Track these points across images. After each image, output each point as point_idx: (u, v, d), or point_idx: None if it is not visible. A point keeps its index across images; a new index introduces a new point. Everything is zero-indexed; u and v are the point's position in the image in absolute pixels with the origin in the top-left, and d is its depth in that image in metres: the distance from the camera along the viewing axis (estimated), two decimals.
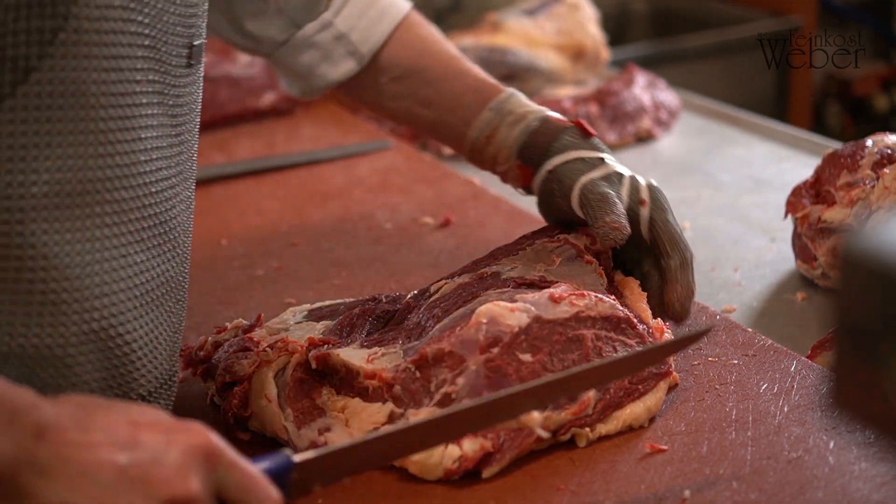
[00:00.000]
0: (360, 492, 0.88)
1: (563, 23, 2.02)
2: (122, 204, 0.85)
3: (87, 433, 0.71)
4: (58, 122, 0.79)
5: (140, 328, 0.88)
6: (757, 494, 0.84)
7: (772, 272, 1.29)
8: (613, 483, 0.87)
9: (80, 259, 0.83)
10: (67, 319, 0.83)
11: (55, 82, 0.79)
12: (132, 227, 0.86)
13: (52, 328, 0.82)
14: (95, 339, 0.84)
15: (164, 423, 0.74)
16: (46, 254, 0.81)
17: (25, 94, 0.78)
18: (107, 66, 0.81)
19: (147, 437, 0.72)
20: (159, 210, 0.88)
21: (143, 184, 0.86)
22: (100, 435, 0.71)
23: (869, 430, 0.85)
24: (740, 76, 2.62)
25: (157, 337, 0.90)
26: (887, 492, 0.84)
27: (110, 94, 0.82)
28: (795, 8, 2.80)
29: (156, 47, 0.85)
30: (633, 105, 1.78)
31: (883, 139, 1.22)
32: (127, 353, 0.87)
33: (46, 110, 0.79)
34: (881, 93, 3.24)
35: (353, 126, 1.82)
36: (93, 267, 0.83)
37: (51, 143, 0.80)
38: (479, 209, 1.45)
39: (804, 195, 1.26)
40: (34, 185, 0.79)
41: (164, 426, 0.73)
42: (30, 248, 0.80)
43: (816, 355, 1.04)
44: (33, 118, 0.79)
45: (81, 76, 0.80)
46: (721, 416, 0.94)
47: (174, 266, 0.92)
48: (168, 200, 0.90)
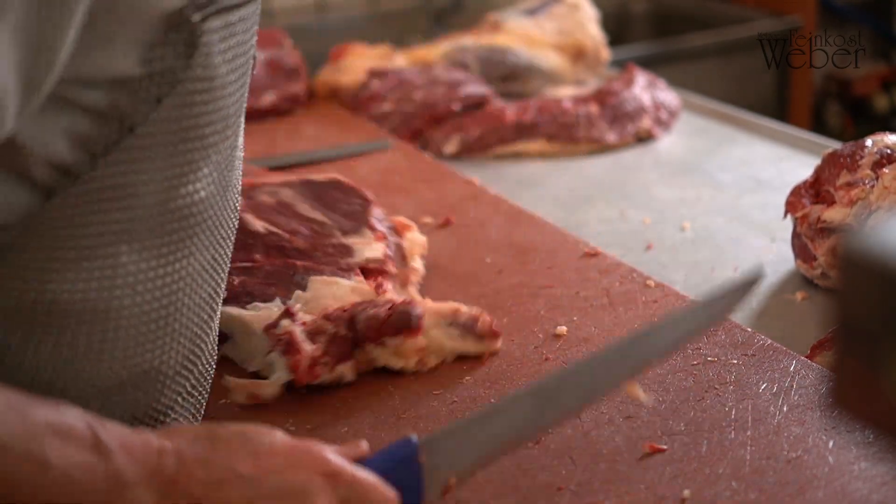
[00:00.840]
0: None
1: (563, 23, 2.03)
2: (187, 220, 0.84)
3: (209, 469, 0.73)
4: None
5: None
6: (756, 494, 0.84)
7: (772, 272, 1.29)
8: (613, 483, 0.87)
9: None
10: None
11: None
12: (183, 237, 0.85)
13: (161, 350, 0.83)
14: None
15: (286, 450, 0.76)
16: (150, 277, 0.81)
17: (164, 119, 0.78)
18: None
19: (274, 471, 0.74)
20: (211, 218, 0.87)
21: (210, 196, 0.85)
22: (224, 471, 0.73)
23: (869, 430, 0.85)
24: (740, 76, 2.62)
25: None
26: (887, 492, 0.84)
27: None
28: (795, 8, 2.80)
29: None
30: (633, 105, 1.78)
31: (883, 139, 1.22)
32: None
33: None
34: (881, 93, 3.25)
35: (353, 126, 1.82)
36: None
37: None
38: (479, 209, 1.45)
39: (804, 195, 1.26)
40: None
41: (286, 455, 0.76)
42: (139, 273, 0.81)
43: (816, 355, 1.04)
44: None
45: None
46: (721, 415, 0.94)
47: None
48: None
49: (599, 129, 1.74)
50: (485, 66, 1.97)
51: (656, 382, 1.00)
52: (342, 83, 1.93)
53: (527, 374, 1.04)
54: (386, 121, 1.82)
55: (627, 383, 0.86)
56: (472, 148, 1.73)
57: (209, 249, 0.86)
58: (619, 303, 1.16)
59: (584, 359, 0.85)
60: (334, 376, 1.03)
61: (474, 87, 1.84)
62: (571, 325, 1.12)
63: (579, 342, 1.09)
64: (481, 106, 1.81)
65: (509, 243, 1.33)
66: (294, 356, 1.00)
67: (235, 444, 0.75)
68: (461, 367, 1.06)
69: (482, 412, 0.83)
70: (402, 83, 1.87)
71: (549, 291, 1.19)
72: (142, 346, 0.82)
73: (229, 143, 0.85)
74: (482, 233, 1.37)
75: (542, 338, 1.10)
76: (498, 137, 1.73)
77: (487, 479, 0.88)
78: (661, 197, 1.54)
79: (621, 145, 1.75)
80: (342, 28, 2.58)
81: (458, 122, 1.77)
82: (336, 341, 1.03)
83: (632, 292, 1.18)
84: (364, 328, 1.04)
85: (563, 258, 1.27)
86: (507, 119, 1.74)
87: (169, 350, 0.84)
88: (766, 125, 1.77)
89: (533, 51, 1.98)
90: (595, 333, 1.10)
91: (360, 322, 1.04)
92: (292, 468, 0.75)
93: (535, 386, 0.83)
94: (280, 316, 1.05)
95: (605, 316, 1.13)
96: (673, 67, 2.40)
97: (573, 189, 1.60)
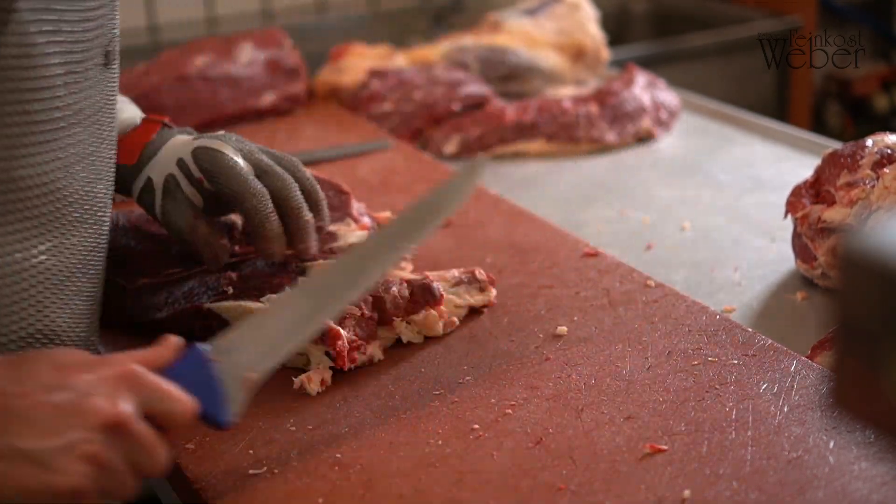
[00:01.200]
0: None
1: (563, 23, 2.02)
2: (34, 199, 0.90)
3: (20, 384, 0.77)
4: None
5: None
6: (757, 494, 0.84)
7: (772, 272, 1.29)
8: (613, 483, 0.87)
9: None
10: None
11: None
12: (39, 222, 0.91)
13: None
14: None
15: (88, 360, 0.81)
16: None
17: None
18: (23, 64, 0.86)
19: (74, 376, 0.78)
20: (72, 204, 0.94)
21: (56, 179, 0.91)
22: (31, 383, 0.77)
23: (869, 429, 0.85)
24: (740, 76, 2.62)
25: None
26: (887, 492, 0.84)
27: (26, 90, 0.86)
28: (795, 8, 2.80)
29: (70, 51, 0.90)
30: (633, 105, 1.78)
31: (883, 139, 1.22)
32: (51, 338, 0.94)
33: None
34: (881, 93, 3.25)
35: (353, 126, 1.82)
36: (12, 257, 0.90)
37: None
38: (479, 209, 1.45)
39: (804, 195, 1.26)
40: None
41: (87, 364, 0.80)
42: None
43: (816, 355, 1.04)
44: None
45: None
46: (721, 415, 0.94)
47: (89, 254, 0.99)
48: (83, 196, 0.95)
49: (599, 129, 1.74)
50: (485, 66, 1.97)
51: (656, 382, 1.00)
52: (342, 83, 1.93)
53: (527, 373, 1.04)
54: (386, 121, 1.82)
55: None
56: (472, 148, 1.73)
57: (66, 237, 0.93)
58: (619, 303, 1.16)
59: (351, 251, 0.99)
60: (366, 358, 1.07)
61: (474, 87, 1.84)
62: (571, 325, 1.12)
63: (579, 342, 1.09)
64: (481, 106, 1.81)
65: (509, 243, 1.33)
66: (335, 343, 1.04)
67: (43, 360, 0.79)
68: (461, 367, 1.06)
69: (265, 310, 0.95)
70: (402, 83, 1.87)
71: (549, 291, 1.19)
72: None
73: (85, 132, 0.92)
74: (482, 233, 1.37)
75: (542, 338, 1.10)
76: (498, 137, 1.73)
77: (487, 479, 0.88)
78: (661, 197, 1.55)
79: (621, 145, 1.75)
80: (342, 28, 2.58)
81: (458, 122, 1.77)
82: (362, 324, 1.07)
83: (632, 292, 1.18)
84: (392, 307, 1.08)
85: (563, 258, 1.27)
86: (507, 119, 1.74)
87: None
88: (766, 125, 1.77)
89: (533, 51, 1.98)
90: (595, 333, 1.10)
91: (387, 302, 1.08)
92: (97, 375, 0.78)
93: (310, 281, 0.98)
94: None
95: (605, 316, 1.13)
96: (673, 67, 2.40)
97: (573, 189, 1.60)
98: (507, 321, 1.14)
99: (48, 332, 0.94)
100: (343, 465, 0.92)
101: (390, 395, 1.03)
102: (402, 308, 1.09)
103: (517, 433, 0.94)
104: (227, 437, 0.97)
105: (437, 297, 1.11)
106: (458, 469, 0.90)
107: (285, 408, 1.01)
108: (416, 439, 0.95)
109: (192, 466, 0.94)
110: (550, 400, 0.99)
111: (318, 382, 1.04)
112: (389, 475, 0.90)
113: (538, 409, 0.98)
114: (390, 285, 1.10)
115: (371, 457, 0.93)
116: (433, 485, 0.88)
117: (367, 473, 0.91)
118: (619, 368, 1.03)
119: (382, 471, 0.91)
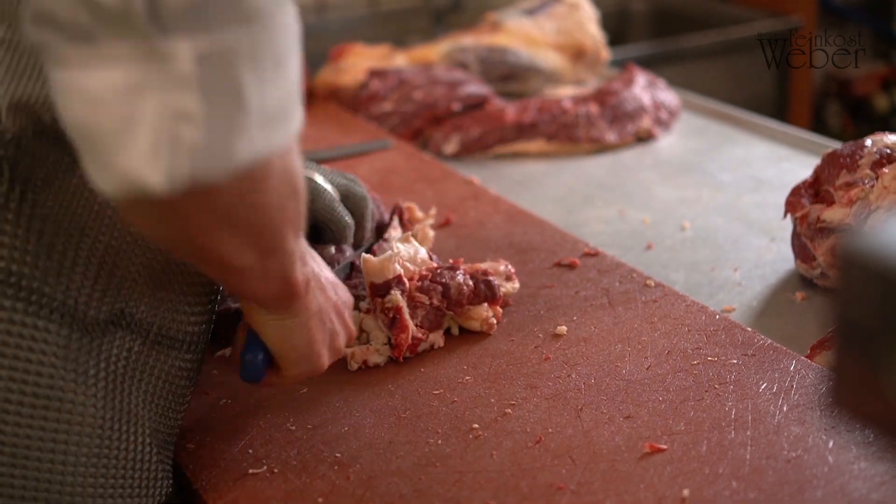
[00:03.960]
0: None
1: (563, 23, 2.03)
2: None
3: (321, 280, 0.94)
4: None
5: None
6: (756, 493, 0.84)
7: (771, 272, 1.29)
8: (613, 482, 0.87)
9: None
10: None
11: None
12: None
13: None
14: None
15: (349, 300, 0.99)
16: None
17: None
18: None
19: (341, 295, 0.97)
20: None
21: None
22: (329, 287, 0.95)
23: (868, 429, 0.86)
24: (740, 76, 2.62)
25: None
26: (886, 491, 0.84)
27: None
28: (795, 8, 2.81)
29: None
30: (633, 105, 1.78)
31: (882, 139, 1.23)
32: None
33: None
34: (881, 93, 3.25)
35: (353, 126, 1.82)
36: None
37: None
38: (479, 209, 1.45)
39: (803, 195, 1.26)
40: None
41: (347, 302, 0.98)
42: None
43: (816, 355, 1.04)
44: None
45: None
46: (720, 415, 0.95)
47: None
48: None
49: (599, 128, 1.74)
50: (485, 65, 1.97)
51: (656, 382, 1.00)
52: (342, 83, 1.93)
53: (527, 373, 1.04)
54: (386, 121, 1.82)
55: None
56: (472, 148, 1.73)
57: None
58: (618, 303, 1.16)
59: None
60: (428, 345, 1.10)
61: (474, 86, 1.84)
62: (571, 325, 1.12)
63: (579, 342, 1.09)
64: (481, 106, 1.81)
65: (509, 243, 1.33)
66: (399, 336, 1.07)
67: (338, 286, 0.98)
68: (461, 367, 1.06)
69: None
70: (402, 83, 1.87)
71: (549, 291, 1.20)
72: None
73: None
74: (482, 232, 1.38)
75: (542, 338, 1.10)
76: (498, 137, 1.73)
77: (487, 479, 0.88)
78: (661, 197, 1.55)
79: (621, 145, 1.75)
80: (342, 28, 2.58)
81: (458, 121, 1.77)
82: (431, 315, 1.10)
83: (632, 292, 1.18)
84: (456, 298, 1.11)
85: (563, 258, 1.27)
86: (507, 119, 1.74)
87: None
88: (766, 125, 1.77)
89: (533, 50, 1.98)
90: (595, 333, 1.10)
91: (452, 292, 1.11)
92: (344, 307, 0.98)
93: None
94: (389, 282, 1.09)
95: (605, 316, 1.13)
96: (673, 67, 2.41)
97: (573, 189, 1.60)
98: (506, 321, 1.14)
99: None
100: (343, 464, 0.92)
101: (390, 394, 1.03)
102: (466, 299, 1.11)
103: (517, 433, 0.95)
104: (227, 437, 0.97)
105: (497, 295, 1.13)
106: (457, 469, 0.90)
107: (285, 407, 1.01)
108: (416, 439, 0.95)
109: (192, 466, 0.94)
110: (550, 399, 0.99)
111: (361, 361, 1.07)
112: (389, 475, 0.90)
113: (538, 408, 0.98)
114: (456, 274, 1.12)
115: (371, 457, 0.93)
116: (433, 484, 0.89)
117: (366, 473, 0.91)
118: (619, 368, 1.03)
119: (382, 470, 0.91)
